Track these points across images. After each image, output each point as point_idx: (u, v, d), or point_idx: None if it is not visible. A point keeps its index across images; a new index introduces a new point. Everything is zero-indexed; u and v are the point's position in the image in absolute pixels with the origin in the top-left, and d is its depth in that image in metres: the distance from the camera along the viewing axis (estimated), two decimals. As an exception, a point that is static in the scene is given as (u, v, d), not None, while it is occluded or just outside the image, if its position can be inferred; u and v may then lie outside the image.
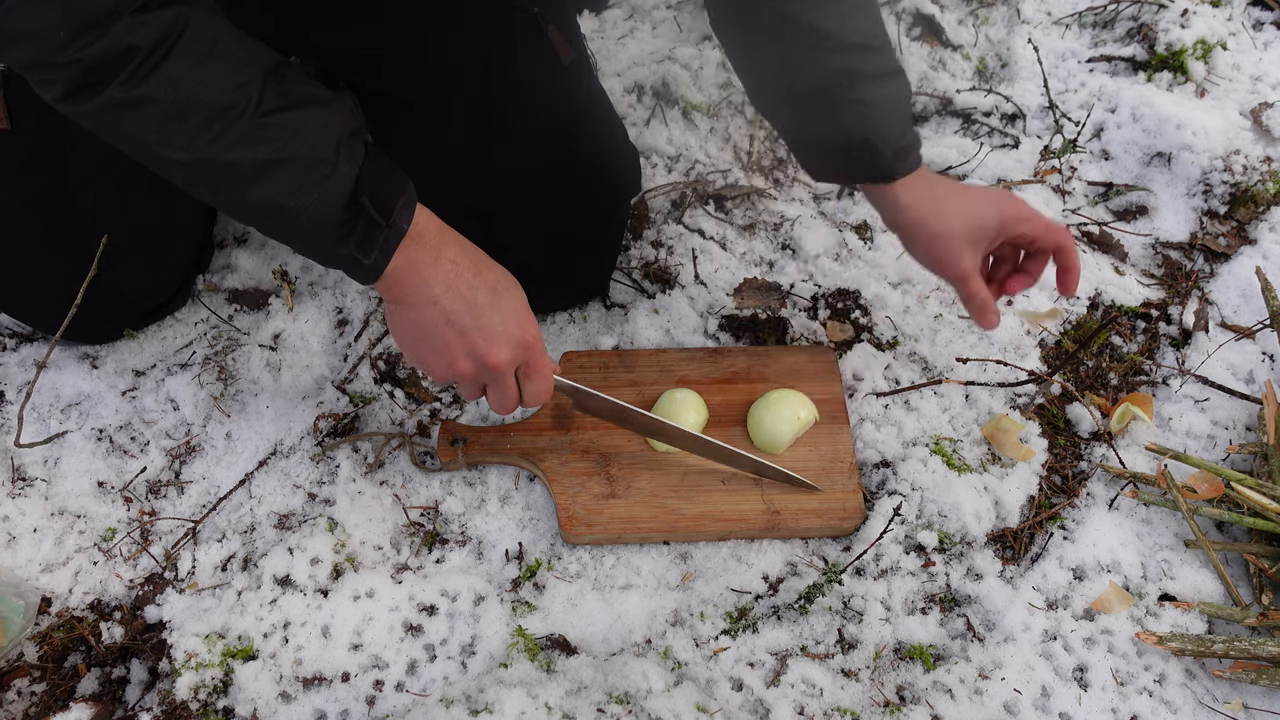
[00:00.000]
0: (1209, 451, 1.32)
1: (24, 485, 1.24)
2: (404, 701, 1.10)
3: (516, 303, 1.03)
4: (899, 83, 1.14)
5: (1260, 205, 1.61)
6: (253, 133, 0.86)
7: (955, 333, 1.44)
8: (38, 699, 1.09)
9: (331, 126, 0.89)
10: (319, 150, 0.88)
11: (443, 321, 0.98)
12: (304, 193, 0.88)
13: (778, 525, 1.21)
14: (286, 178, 0.87)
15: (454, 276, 0.98)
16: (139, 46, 0.81)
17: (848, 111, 1.11)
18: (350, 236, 0.91)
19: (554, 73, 1.26)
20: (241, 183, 0.88)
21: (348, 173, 0.89)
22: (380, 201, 0.91)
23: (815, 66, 1.11)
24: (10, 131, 1.14)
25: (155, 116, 0.84)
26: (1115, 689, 1.12)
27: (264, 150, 0.86)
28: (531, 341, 1.03)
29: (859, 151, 1.13)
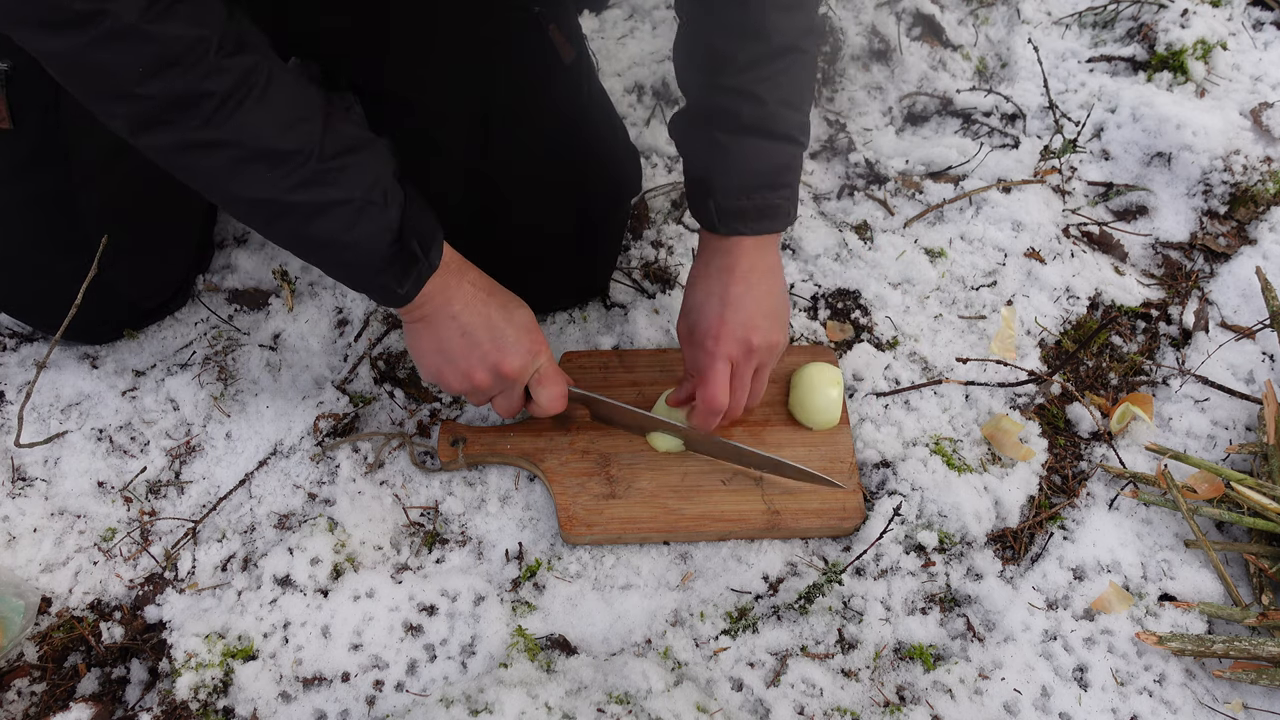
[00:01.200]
0: (1209, 451, 1.32)
1: (24, 485, 1.24)
2: (404, 701, 1.10)
3: (526, 319, 1.13)
4: (773, 148, 1.10)
5: (1260, 205, 1.61)
6: (316, 177, 0.93)
7: (955, 333, 1.44)
8: (38, 699, 1.09)
9: (381, 170, 0.98)
10: (371, 192, 0.96)
11: (459, 334, 1.08)
12: (356, 230, 0.97)
13: (778, 525, 1.21)
14: (342, 217, 0.96)
15: (471, 296, 1.08)
16: (215, 93, 0.86)
17: (705, 145, 1.11)
18: (391, 269, 1.00)
19: (555, 72, 1.26)
20: (300, 221, 0.96)
21: (394, 213, 0.98)
22: (423, 241, 1.01)
23: (705, 88, 1.11)
24: (12, 131, 1.14)
25: (228, 159, 0.90)
26: (1115, 689, 1.12)
27: (325, 193, 0.94)
28: (540, 351, 1.13)
29: (696, 187, 1.14)
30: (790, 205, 1.15)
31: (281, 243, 1.05)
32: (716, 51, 1.07)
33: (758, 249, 1.15)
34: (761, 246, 1.15)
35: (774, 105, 1.08)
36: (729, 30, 1.06)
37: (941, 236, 1.55)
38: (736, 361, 1.14)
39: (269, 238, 1.06)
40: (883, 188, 1.64)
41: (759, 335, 1.14)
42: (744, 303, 1.14)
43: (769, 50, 1.06)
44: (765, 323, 1.15)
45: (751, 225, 1.13)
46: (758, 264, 1.15)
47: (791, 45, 1.07)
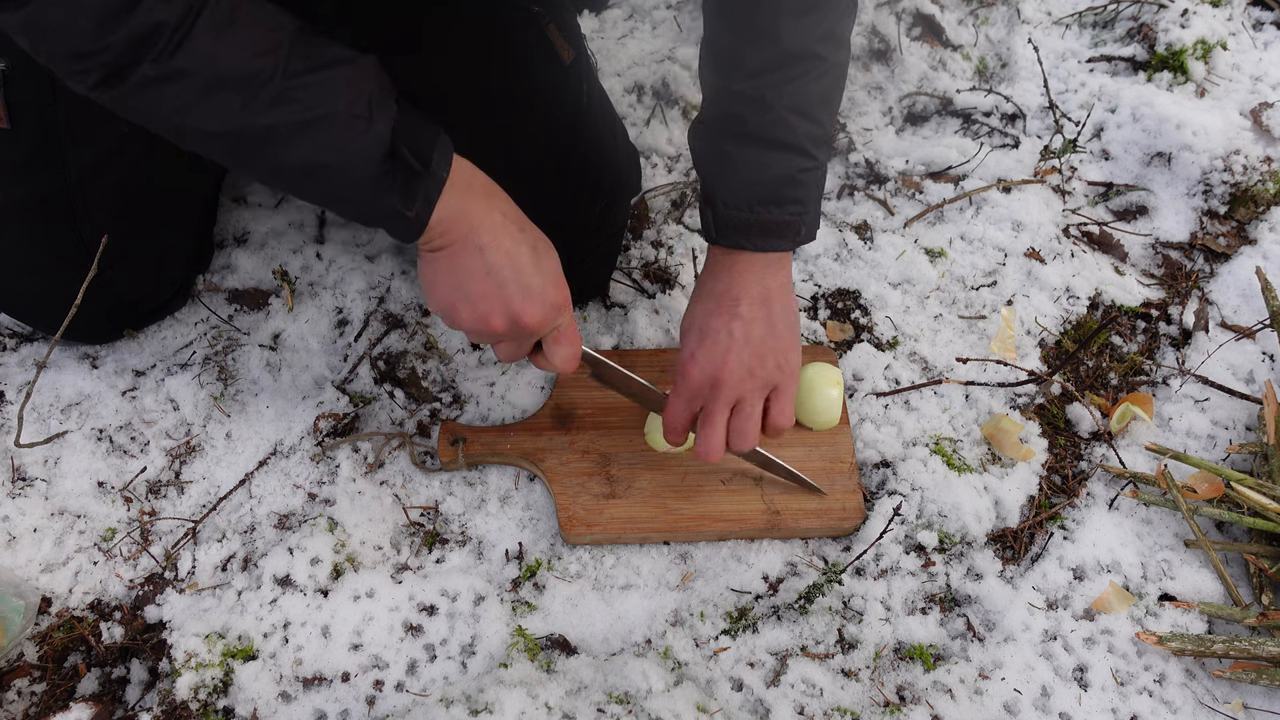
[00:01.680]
0: (1209, 451, 1.32)
1: (24, 485, 1.24)
2: (404, 701, 1.10)
3: (554, 267, 1.02)
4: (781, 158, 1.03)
5: (1260, 205, 1.61)
6: (284, 95, 0.85)
7: (955, 333, 1.44)
8: (38, 699, 1.09)
9: (361, 82, 0.88)
10: (352, 106, 0.87)
11: (484, 271, 0.96)
12: (341, 149, 0.87)
13: (778, 525, 1.21)
14: (323, 136, 0.87)
15: (501, 228, 0.97)
16: (165, 22, 0.80)
17: (711, 150, 1.07)
18: (392, 189, 0.90)
19: (554, 72, 1.26)
20: (279, 146, 0.87)
21: (383, 126, 0.88)
22: (418, 151, 0.90)
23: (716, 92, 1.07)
24: (10, 131, 1.14)
25: (188, 90, 0.83)
26: (1115, 689, 1.12)
27: (297, 111, 0.85)
28: (564, 306, 1.02)
29: (704, 197, 1.09)
30: (801, 223, 1.07)
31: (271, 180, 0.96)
32: (727, 54, 1.04)
33: (761, 270, 1.08)
34: (766, 268, 1.08)
35: (781, 111, 1.02)
36: (740, 32, 1.02)
37: (941, 236, 1.55)
38: (706, 402, 1.08)
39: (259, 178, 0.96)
40: (883, 188, 1.64)
41: (733, 371, 1.07)
42: (720, 338, 1.07)
43: (780, 54, 1.01)
44: (741, 358, 1.07)
45: (754, 241, 1.06)
46: (752, 288, 1.08)
47: (806, 51, 1.01)
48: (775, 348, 1.10)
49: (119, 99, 0.84)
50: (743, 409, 1.09)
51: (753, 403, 1.10)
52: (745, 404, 1.09)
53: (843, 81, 1.08)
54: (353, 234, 1.50)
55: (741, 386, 1.08)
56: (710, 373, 1.07)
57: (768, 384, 1.10)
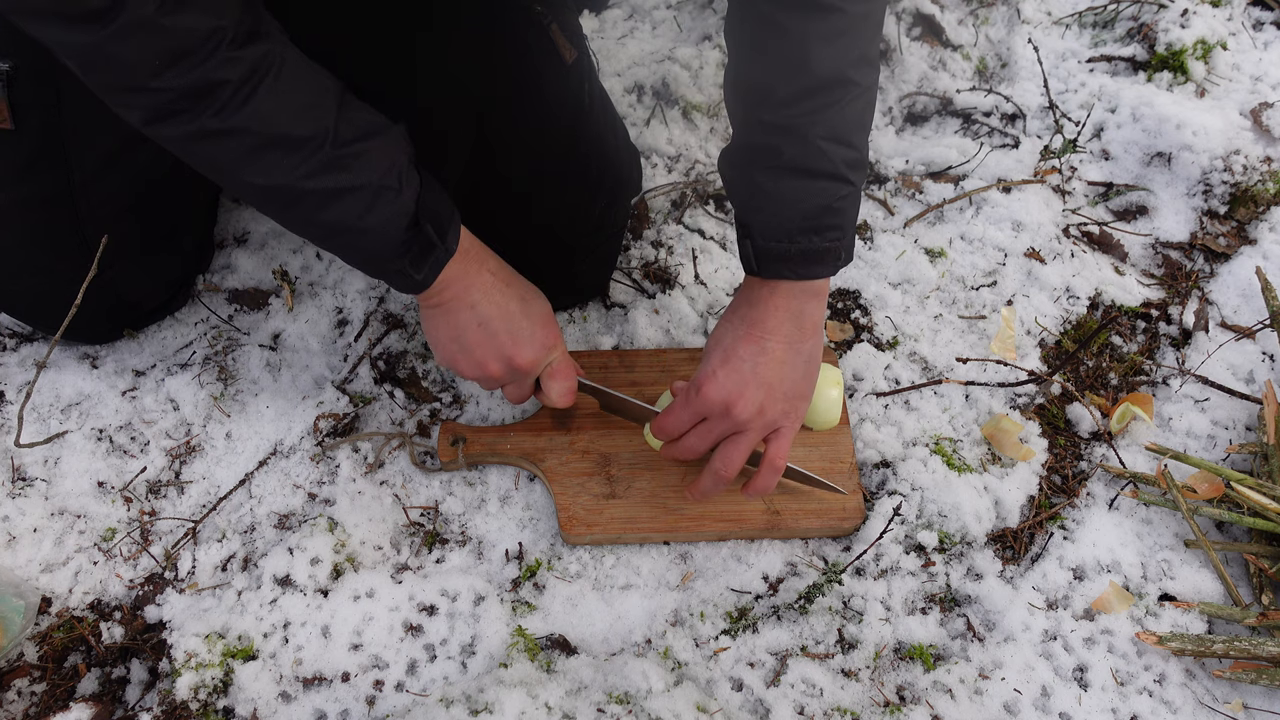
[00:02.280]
0: (1209, 451, 1.32)
1: (24, 485, 1.24)
2: (404, 701, 1.10)
3: (543, 311, 1.12)
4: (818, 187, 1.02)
5: (1260, 205, 1.61)
6: (331, 163, 0.92)
7: (955, 333, 1.44)
8: (38, 699, 1.09)
9: (395, 155, 0.97)
10: (385, 178, 0.95)
11: (476, 324, 1.07)
12: (371, 216, 0.95)
13: (778, 525, 1.21)
14: (357, 203, 0.95)
15: (490, 286, 1.08)
16: (229, 81, 0.85)
17: (745, 184, 1.06)
18: (407, 255, 0.99)
19: (556, 72, 1.26)
20: (314, 207, 0.95)
21: (409, 198, 0.97)
22: (439, 227, 1.00)
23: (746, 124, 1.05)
24: (13, 132, 1.14)
25: (241, 147, 0.89)
26: (1115, 689, 1.12)
27: (340, 179, 0.93)
28: (555, 345, 1.13)
29: (740, 229, 1.09)
30: (840, 247, 1.06)
31: (297, 230, 1.04)
32: (757, 84, 1.01)
33: (794, 303, 1.08)
34: (800, 300, 1.08)
35: (817, 141, 1.00)
36: (769, 62, 0.99)
37: (941, 236, 1.55)
38: (711, 421, 1.09)
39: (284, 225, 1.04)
40: (883, 188, 1.64)
41: (747, 404, 1.07)
42: (745, 366, 1.07)
43: (812, 83, 0.98)
44: (758, 393, 1.07)
45: (795, 270, 1.05)
46: (785, 325, 1.08)
47: (839, 78, 0.98)
48: (789, 393, 1.10)
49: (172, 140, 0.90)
50: (739, 441, 1.09)
51: (750, 438, 1.10)
52: (743, 438, 1.09)
53: (874, 101, 1.07)
54: (353, 234, 1.50)
55: (748, 419, 1.08)
56: (724, 397, 1.07)
57: (771, 425, 1.10)
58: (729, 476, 1.11)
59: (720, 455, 1.11)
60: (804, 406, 1.14)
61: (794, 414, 1.12)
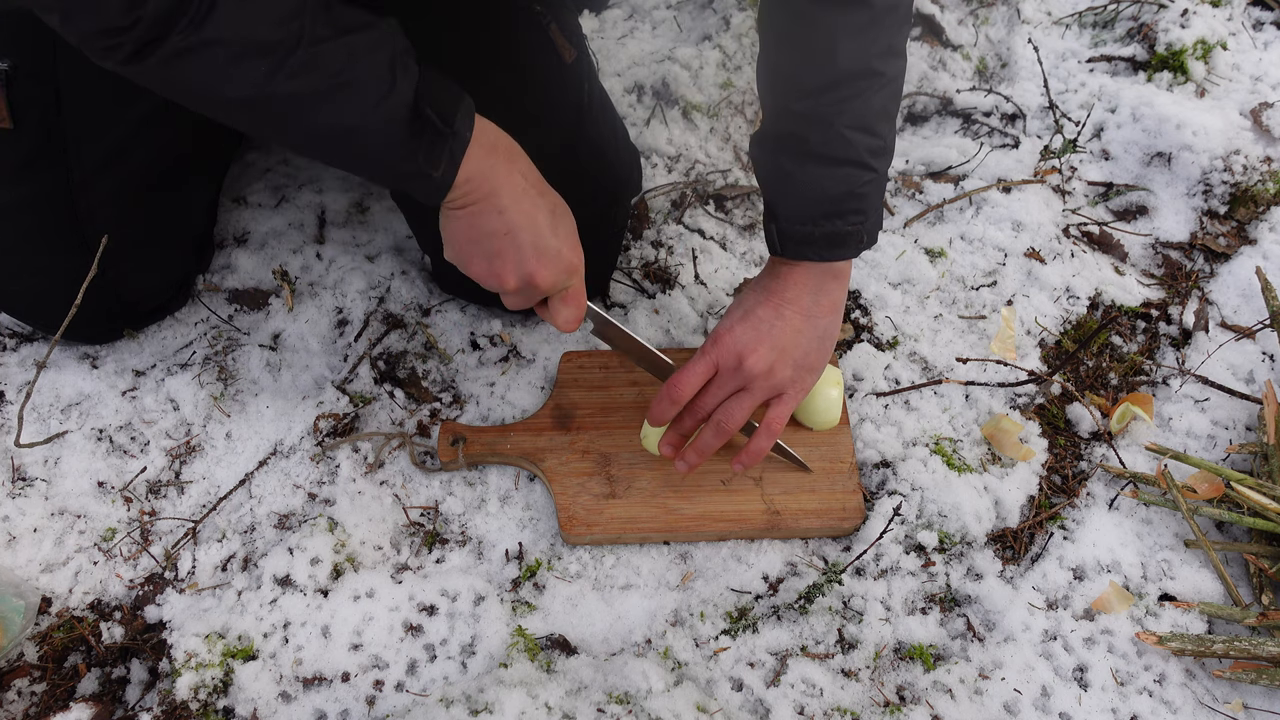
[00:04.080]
0: (1209, 451, 1.32)
1: (24, 485, 1.24)
2: (404, 701, 1.10)
3: (570, 229, 1.06)
4: (842, 174, 1.06)
5: (1260, 205, 1.61)
6: (309, 62, 0.86)
7: (955, 333, 1.44)
8: (38, 699, 1.09)
9: (383, 46, 0.90)
10: (375, 70, 0.89)
11: (503, 232, 1.00)
12: (366, 112, 0.89)
13: (778, 525, 1.21)
14: (348, 101, 0.89)
15: (522, 191, 1.00)
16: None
17: (773, 169, 1.10)
18: (418, 150, 0.92)
19: (555, 72, 1.26)
20: (306, 113, 0.89)
21: (406, 88, 0.90)
22: (444, 111, 0.92)
23: (776, 112, 1.09)
24: (12, 131, 1.14)
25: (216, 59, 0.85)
26: (1115, 689, 1.12)
27: (322, 77, 0.87)
28: (576, 268, 1.06)
29: (766, 211, 1.13)
30: (864, 231, 1.10)
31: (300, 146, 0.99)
32: (785, 74, 1.05)
33: (814, 280, 1.11)
34: (820, 279, 1.12)
35: (842, 130, 1.04)
36: (797, 53, 1.03)
37: (941, 236, 1.55)
38: (723, 372, 1.12)
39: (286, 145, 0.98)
40: (883, 188, 1.64)
41: (759, 360, 1.10)
42: (765, 326, 1.11)
43: (838, 74, 1.02)
44: (770, 353, 1.11)
45: (818, 252, 1.09)
46: (808, 302, 1.11)
47: (864, 69, 1.02)
48: (800, 361, 1.13)
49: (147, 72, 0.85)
50: (743, 397, 1.13)
51: (755, 395, 1.13)
52: (747, 395, 1.13)
53: (900, 90, 1.10)
54: (353, 234, 1.50)
55: (757, 375, 1.11)
56: (739, 349, 1.10)
57: (777, 388, 1.14)
58: (730, 430, 1.14)
59: (723, 408, 1.13)
60: (811, 380, 1.16)
61: (800, 384, 1.15)
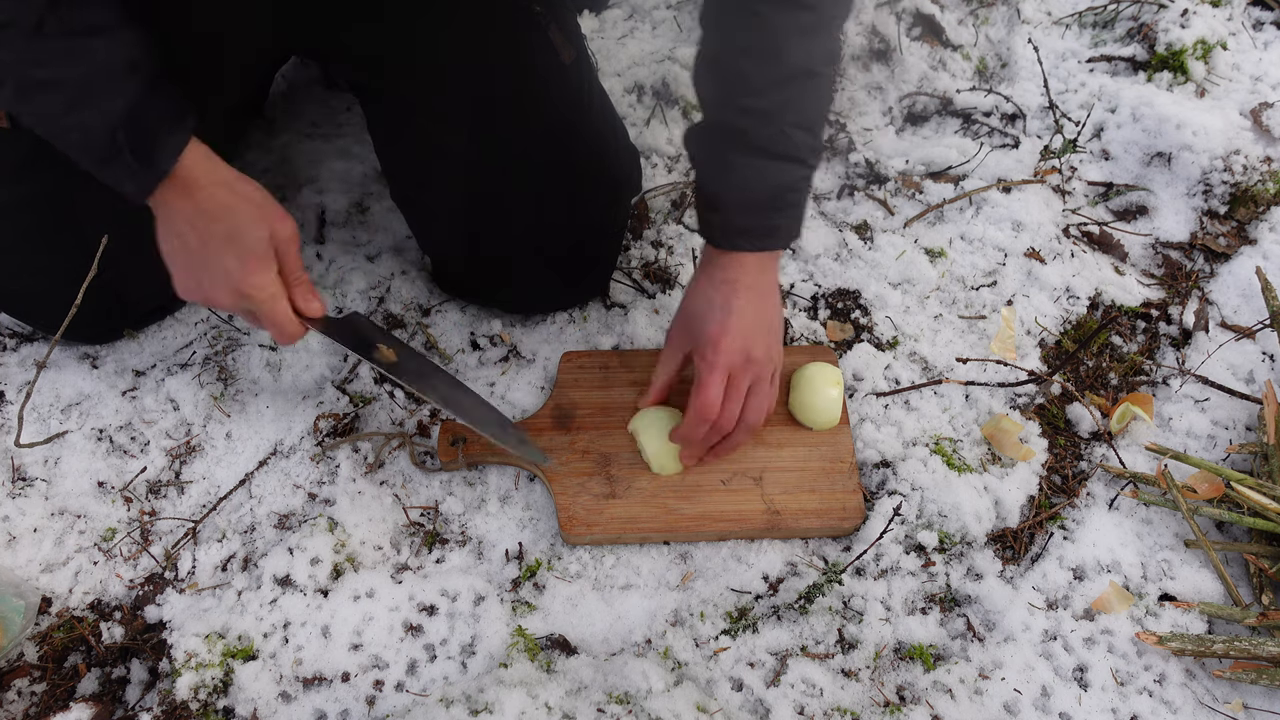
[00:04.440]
0: (1209, 451, 1.32)
1: (24, 485, 1.24)
2: (404, 701, 1.10)
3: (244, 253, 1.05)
4: (780, 168, 1.10)
5: (1260, 205, 1.61)
6: (28, 53, 0.89)
7: (955, 333, 1.44)
8: (38, 699, 1.09)
9: (109, 56, 0.92)
10: (91, 78, 0.92)
11: (178, 254, 1.07)
12: (71, 115, 0.93)
13: (778, 525, 1.21)
14: (56, 99, 0.92)
15: (194, 219, 1.03)
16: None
17: (715, 161, 1.12)
18: (112, 163, 0.96)
19: (555, 72, 1.26)
20: (16, 96, 0.94)
21: (112, 107, 0.93)
22: (143, 143, 0.95)
23: (720, 106, 1.11)
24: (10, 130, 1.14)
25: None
26: (1115, 689, 1.12)
27: (36, 71, 0.90)
28: (252, 294, 1.06)
29: (704, 200, 1.15)
30: (794, 224, 1.15)
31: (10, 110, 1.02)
32: (733, 71, 1.07)
33: (759, 265, 1.16)
34: (762, 263, 1.16)
35: (785, 127, 1.08)
36: (745, 50, 1.05)
37: (941, 236, 1.55)
38: (734, 373, 1.15)
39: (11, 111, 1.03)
40: (883, 188, 1.64)
41: (758, 348, 1.15)
42: (746, 314, 1.15)
43: (784, 73, 1.06)
44: (764, 337, 1.17)
45: (755, 242, 1.14)
46: (759, 281, 1.17)
47: (808, 70, 1.07)
48: (779, 334, 1.21)
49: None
50: (759, 388, 1.18)
51: (766, 380, 1.19)
52: (762, 383, 1.18)
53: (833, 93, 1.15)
54: (353, 234, 1.50)
55: (763, 361, 1.17)
56: (742, 346, 1.14)
57: (774, 365, 1.19)
58: (760, 425, 1.20)
59: (750, 408, 1.17)
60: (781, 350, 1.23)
61: (779, 357, 1.22)
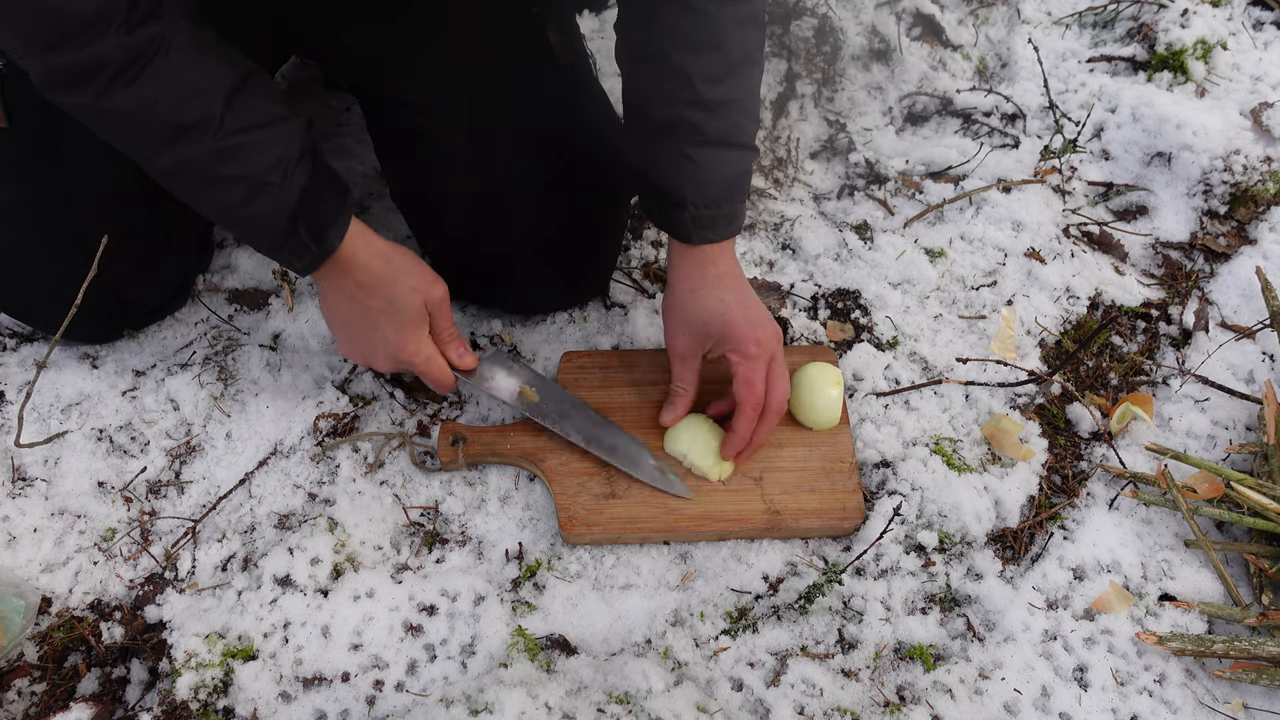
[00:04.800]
0: (1209, 451, 1.32)
1: (24, 485, 1.24)
2: (404, 701, 1.10)
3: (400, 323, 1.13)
4: (736, 157, 1.13)
5: (1260, 205, 1.61)
6: (212, 153, 0.96)
7: (955, 333, 1.44)
8: (38, 699, 1.09)
9: (286, 149, 0.99)
10: (269, 172, 0.99)
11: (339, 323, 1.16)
12: (251, 206, 1.00)
13: (778, 525, 1.21)
14: (237, 192, 0.99)
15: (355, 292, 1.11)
16: (110, 64, 0.88)
17: (673, 159, 1.12)
18: (287, 245, 1.03)
19: (554, 73, 1.26)
20: (198, 190, 1.01)
21: (291, 195, 1.00)
22: (318, 226, 1.03)
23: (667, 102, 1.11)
24: (8, 130, 1.14)
25: (125, 126, 0.94)
26: (1115, 689, 1.12)
27: (220, 168, 0.97)
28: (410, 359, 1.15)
29: (666, 200, 1.15)
30: (744, 209, 1.19)
31: (187, 202, 1.07)
32: (676, 67, 1.08)
33: (729, 252, 1.19)
34: (730, 249, 1.19)
35: (736, 117, 1.11)
36: (689, 45, 1.07)
37: (941, 236, 1.55)
38: (755, 361, 1.17)
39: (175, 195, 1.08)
40: (883, 188, 1.64)
41: (768, 330, 1.19)
42: (749, 303, 1.19)
43: (728, 64, 1.08)
44: (764, 317, 1.20)
45: (723, 231, 1.16)
46: (735, 267, 1.20)
47: (748, 58, 1.09)
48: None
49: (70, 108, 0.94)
50: (775, 369, 1.20)
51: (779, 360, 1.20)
52: (775, 363, 1.20)
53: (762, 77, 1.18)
54: (353, 234, 1.50)
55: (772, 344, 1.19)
56: (770, 334, 1.18)
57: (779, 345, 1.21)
58: (784, 406, 1.22)
59: (774, 391, 1.19)
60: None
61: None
